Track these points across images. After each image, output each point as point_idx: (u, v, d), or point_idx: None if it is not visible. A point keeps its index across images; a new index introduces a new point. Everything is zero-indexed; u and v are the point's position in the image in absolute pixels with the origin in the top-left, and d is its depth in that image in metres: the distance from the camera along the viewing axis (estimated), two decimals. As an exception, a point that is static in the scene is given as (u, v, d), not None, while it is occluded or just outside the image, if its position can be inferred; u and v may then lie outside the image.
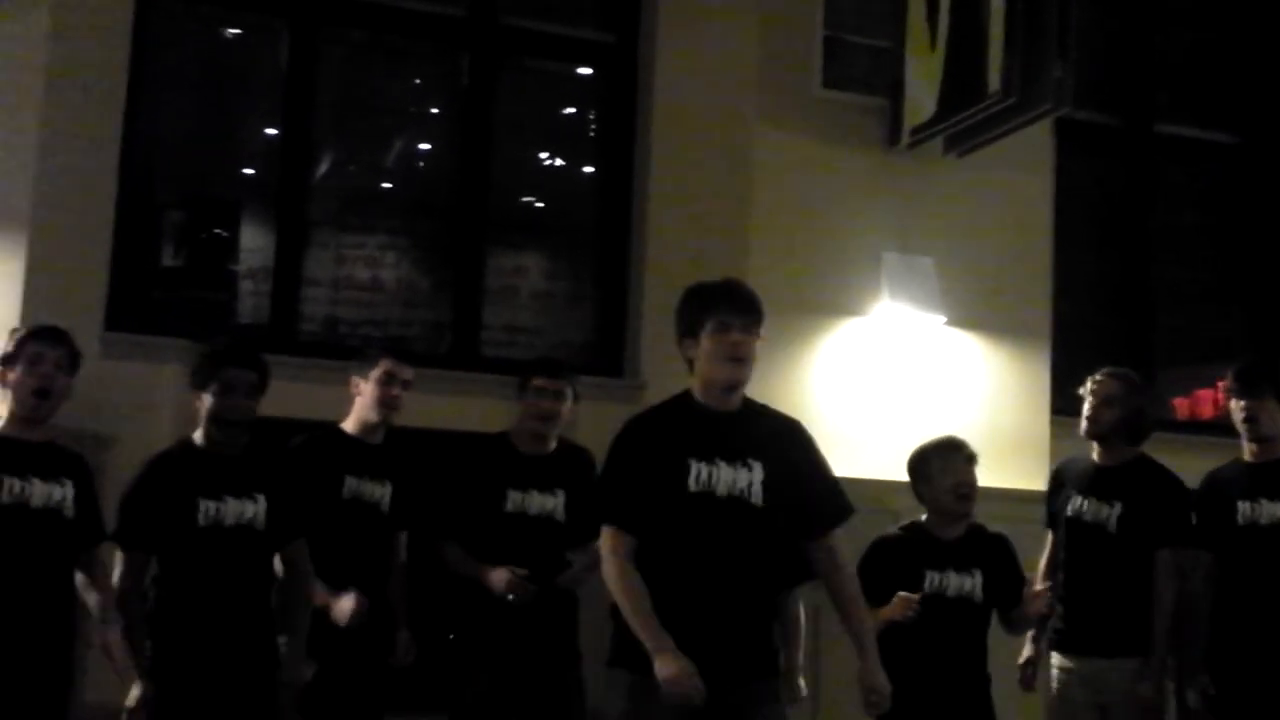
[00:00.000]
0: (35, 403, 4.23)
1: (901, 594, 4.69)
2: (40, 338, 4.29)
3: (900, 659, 4.93)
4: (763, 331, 3.83)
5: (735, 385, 3.82)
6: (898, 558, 4.84)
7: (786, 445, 3.88)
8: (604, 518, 3.79)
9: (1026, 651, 5.33)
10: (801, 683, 5.11)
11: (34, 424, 4.27)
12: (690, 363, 3.85)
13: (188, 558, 4.38)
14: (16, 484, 4.16)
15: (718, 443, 3.75)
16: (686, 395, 3.89)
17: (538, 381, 5.15)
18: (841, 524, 3.95)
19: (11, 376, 4.24)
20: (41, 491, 4.20)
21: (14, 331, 4.39)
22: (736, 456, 3.74)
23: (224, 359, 4.50)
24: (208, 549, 4.38)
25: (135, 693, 4.23)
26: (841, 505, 3.96)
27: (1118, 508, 5.03)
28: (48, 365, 4.24)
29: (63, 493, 4.24)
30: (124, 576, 4.36)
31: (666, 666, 3.54)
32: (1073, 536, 5.16)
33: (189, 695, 4.28)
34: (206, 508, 4.37)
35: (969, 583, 4.86)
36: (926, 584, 4.83)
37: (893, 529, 5.01)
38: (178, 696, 4.27)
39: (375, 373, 4.99)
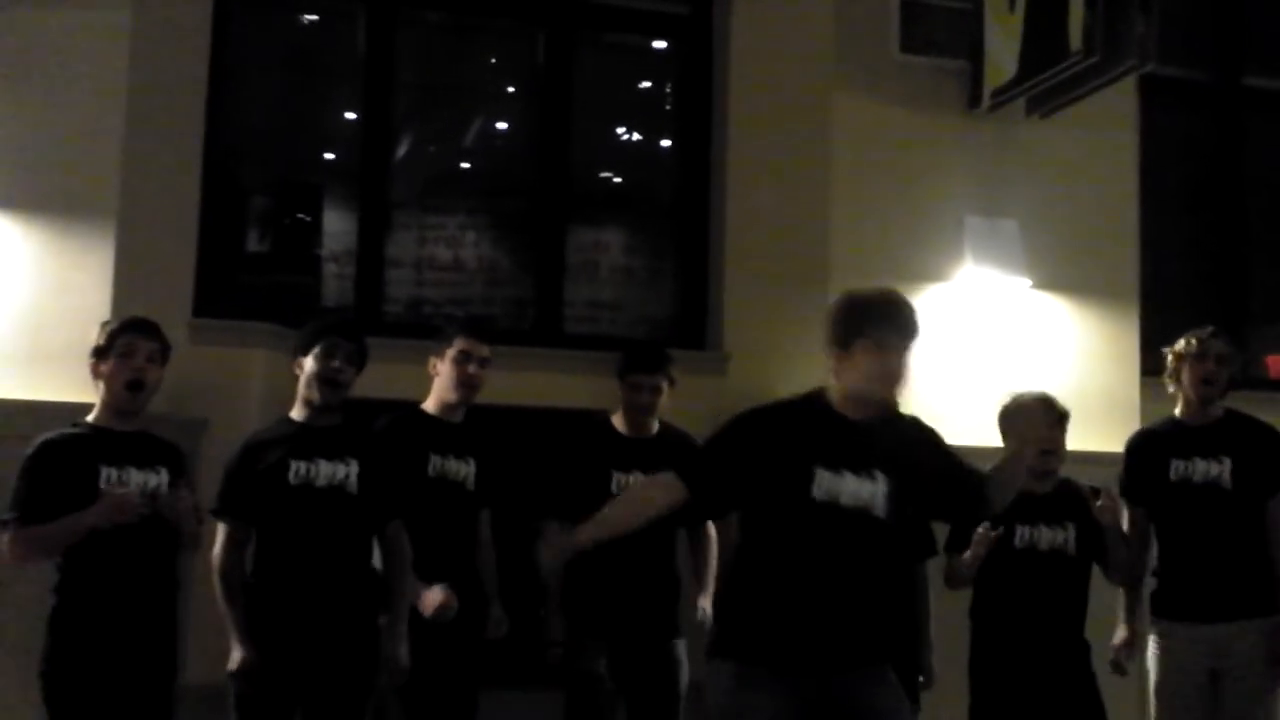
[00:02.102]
0: (128, 396, 4.30)
1: (979, 531, 4.68)
2: (132, 330, 4.34)
3: (995, 616, 4.94)
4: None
5: (890, 405, 3.78)
6: None
7: (917, 453, 3.81)
8: (680, 470, 3.79)
9: (1121, 633, 5.15)
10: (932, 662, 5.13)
11: (127, 416, 4.34)
12: (834, 371, 3.76)
13: (282, 520, 4.41)
14: (114, 473, 4.24)
15: (846, 452, 3.68)
16: (822, 399, 3.79)
17: (633, 378, 5.21)
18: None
19: (104, 369, 4.31)
20: (137, 479, 4.26)
21: (105, 324, 4.45)
22: (862, 467, 3.68)
23: (328, 326, 4.60)
24: (301, 509, 4.41)
25: (236, 655, 4.30)
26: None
27: (1228, 463, 4.95)
28: (140, 358, 4.31)
29: (158, 480, 4.30)
30: (222, 546, 4.42)
31: None
32: (1183, 500, 5.01)
33: (287, 661, 4.33)
34: (297, 467, 4.40)
35: (1061, 536, 4.84)
36: (1017, 539, 4.82)
37: None
38: (275, 661, 4.33)
39: (451, 352, 5.00)
